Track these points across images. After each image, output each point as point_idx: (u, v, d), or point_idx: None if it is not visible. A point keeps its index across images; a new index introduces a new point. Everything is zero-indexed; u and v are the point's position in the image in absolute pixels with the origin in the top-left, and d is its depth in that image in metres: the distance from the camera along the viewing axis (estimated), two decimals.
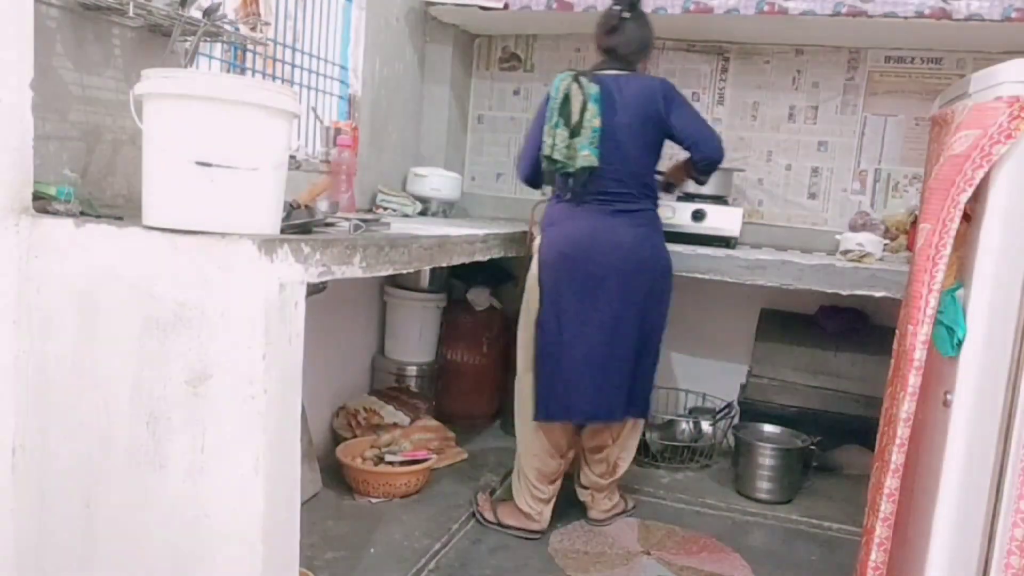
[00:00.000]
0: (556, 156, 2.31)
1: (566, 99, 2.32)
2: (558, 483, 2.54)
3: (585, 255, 2.33)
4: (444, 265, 2.07)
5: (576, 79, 2.33)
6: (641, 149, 2.38)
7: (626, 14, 2.40)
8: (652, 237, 2.42)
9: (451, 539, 2.38)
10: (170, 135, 1.36)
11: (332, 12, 2.91)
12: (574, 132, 2.30)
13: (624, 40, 2.40)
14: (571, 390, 2.37)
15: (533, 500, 2.49)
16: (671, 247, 2.72)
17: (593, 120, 2.28)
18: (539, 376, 2.43)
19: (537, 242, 2.47)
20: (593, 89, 2.30)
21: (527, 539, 2.45)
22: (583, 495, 2.61)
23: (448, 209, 3.30)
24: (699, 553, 2.45)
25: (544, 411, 2.41)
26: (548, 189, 2.56)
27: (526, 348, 2.50)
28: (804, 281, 2.57)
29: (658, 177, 2.55)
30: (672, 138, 2.42)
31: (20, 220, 1.45)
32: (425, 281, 3.26)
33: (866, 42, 3.14)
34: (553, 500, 2.53)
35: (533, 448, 2.49)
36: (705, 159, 2.43)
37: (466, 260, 2.22)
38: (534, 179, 2.50)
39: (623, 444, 2.56)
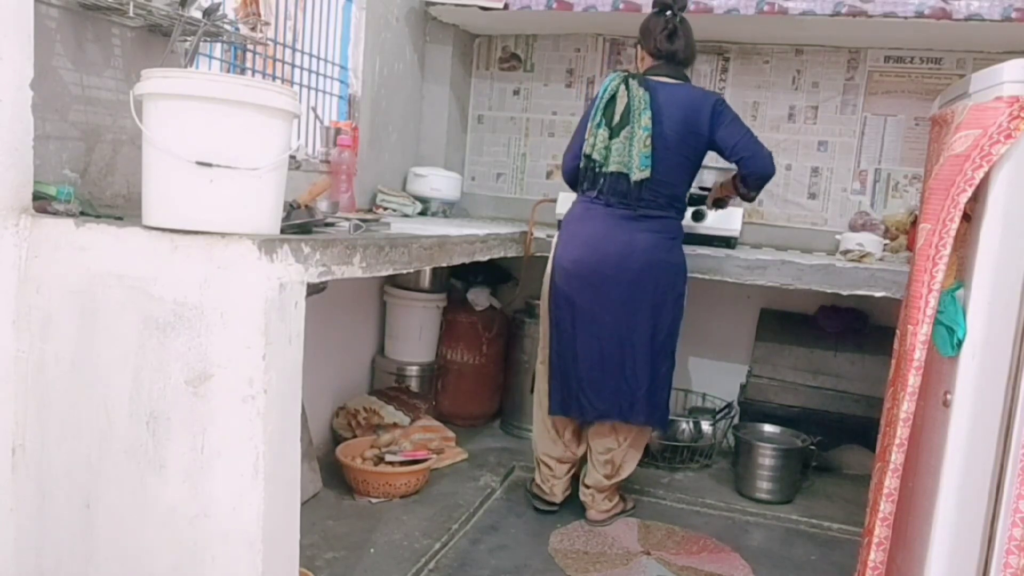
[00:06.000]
0: (595, 156, 2.37)
1: (612, 99, 2.35)
2: (568, 466, 2.64)
3: (599, 257, 2.38)
4: (444, 265, 2.07)
5: (626, 81, 2.35)
6: (676, 162, 2.38)
7: (679, 16, 2.42)
8: (668, 243, 2.43)
9: (451, 539, 2.38)
10: (170, 135, 1.36)
11: (332, 12, 2.91)
12: (614, 133, 2.34)
13: (684, 44, 2.42)
14: (585, 389, 2.46)
15: (541, 477, 2.66)
16: None
17: (648, 127, 2.30)
18: (553, 373, 2.53)
19: (555, 239, 2.53)
20: (646, 96, 2.32)
21: (541, 510, 2.64)
22: (584, 495, 2.61)
23: (448, 209, 3.30)
24: (699, 553, 2.45)
25: (559, 406, 2.53)
26: (565, 197, 2.58)
27: (543, 340, 2.60)
28: (804, 281, 2.57)
29: (703, 192, 2.54)
30: (719, 152, 2.43)
31: (20, 220, 1.45)
32: (425, 281, 3.26)
33: (866, 42, 3.14)
34: (565, 479, 2.65)
35: (539, 431, 2.66)
36: (753, 175, 2.40)
37: (466, 260, 2.22)
38: (573, 182, 2.52)
39: (630, 448, 2.57)
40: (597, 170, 2.38)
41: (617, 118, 2.34)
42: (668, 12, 2.41)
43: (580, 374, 2.45)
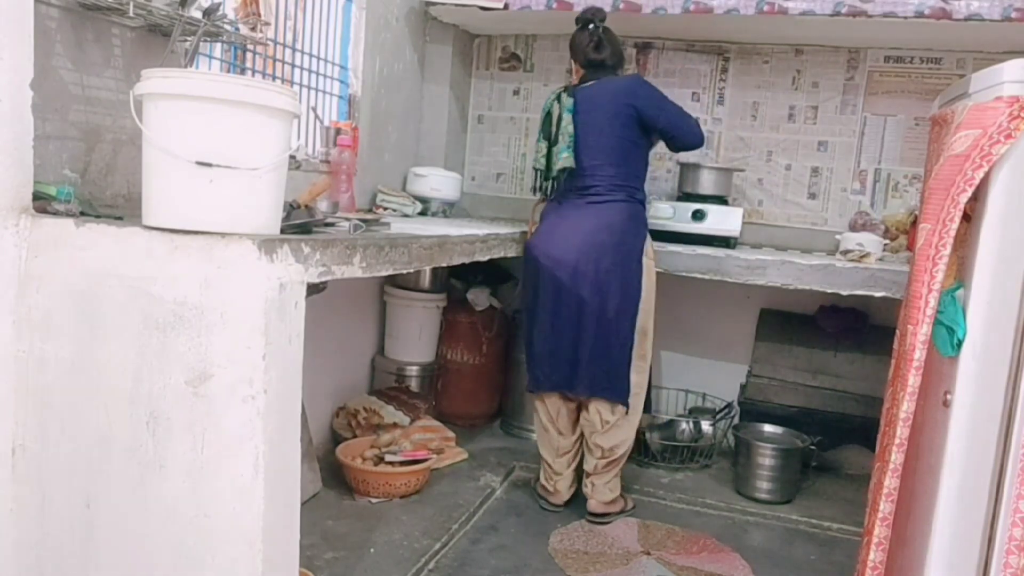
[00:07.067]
0: (538, 166, 2.65)
1: (547, 115, 2.62)
2: (566, 459, 2.69)
3: (553, 244, 2.56)
4: (444, 265, 2.07)
5: (558, 97, 2.59)
6: (613, 147, 2.53)
7: (601, 27, 2.58)
8: (616, 225, 2.53)
9: (451, 539, 2.38)
10: (170, 135, 1.36)
11: (332, 12, 2.91)
12: (553, 143, 2.59)
13: (610, 52, 2.59)
14: (541, 363, 2.65)
15: (545, 477, 2.73)
16: (671, 247, 2.73)
17: (568, 128, 2.52)
18: (526, 353, 2.76)
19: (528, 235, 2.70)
20: (569, 101, 2.54)
21: (547, 509, 2.70)
22: (585, 485, 2.64)
23: (448, 209, 3.30)
24: (699, 553, 2.45)
25: (529, 383, 2.74)
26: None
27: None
28: (804, 281, 2.57)
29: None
30: (650, 130, 2.59)
31: (20, 220, 1.45)
32: (425, 281, 3.26)
33: (866, 42, 3.14)
34: (567, 475, 2.70)
35: (536, 422, 2.77)
36: (683, 149, 2.71)
37: (466, 260, 2.22)
38: None
39: (614, 431, 2.59)
40: (545, 177, 2.64)
41: (553, 130, 2.59)
42: (591, 25, 2.57)
43: (536, 348, 2.65)
